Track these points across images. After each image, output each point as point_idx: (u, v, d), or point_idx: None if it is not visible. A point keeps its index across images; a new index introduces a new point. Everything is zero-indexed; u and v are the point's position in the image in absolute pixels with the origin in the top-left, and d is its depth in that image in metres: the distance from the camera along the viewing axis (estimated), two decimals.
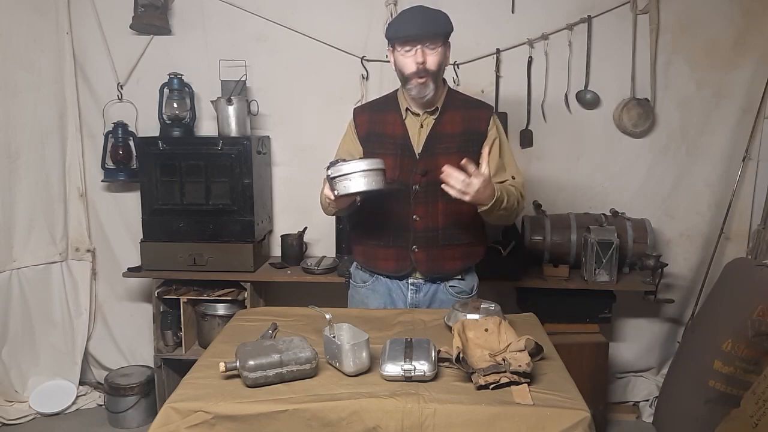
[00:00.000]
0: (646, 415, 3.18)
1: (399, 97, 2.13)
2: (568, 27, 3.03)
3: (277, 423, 1.40)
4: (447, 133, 2.06)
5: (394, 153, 2.07)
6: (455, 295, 2.15)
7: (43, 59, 3.10)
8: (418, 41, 1.94)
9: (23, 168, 3.12)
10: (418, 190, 2.06)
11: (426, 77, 1.96)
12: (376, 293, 2.18)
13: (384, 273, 2.16)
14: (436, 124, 2.07)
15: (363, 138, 2.13)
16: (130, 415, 3.12)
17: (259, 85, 3.14)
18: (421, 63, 1.94)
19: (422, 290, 2.15)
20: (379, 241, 2.12)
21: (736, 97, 3.04)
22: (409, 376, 1.50)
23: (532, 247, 2.98)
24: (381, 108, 2.16)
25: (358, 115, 2.18)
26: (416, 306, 2.15)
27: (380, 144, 2.10)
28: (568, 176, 3.17)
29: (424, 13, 1.99)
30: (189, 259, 2.95)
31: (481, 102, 2.19)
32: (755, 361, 2.52)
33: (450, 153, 2.02)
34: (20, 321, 3.20)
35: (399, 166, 2.06)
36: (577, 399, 1.44)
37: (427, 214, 2.07)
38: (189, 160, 2.93)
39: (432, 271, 2.12)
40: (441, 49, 1.98)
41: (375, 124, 2.13)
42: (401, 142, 2.07)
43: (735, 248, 3.13)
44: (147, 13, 3.06)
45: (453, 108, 2.09)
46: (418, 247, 2.09)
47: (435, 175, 2.01)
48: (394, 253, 2.11)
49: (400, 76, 2.04)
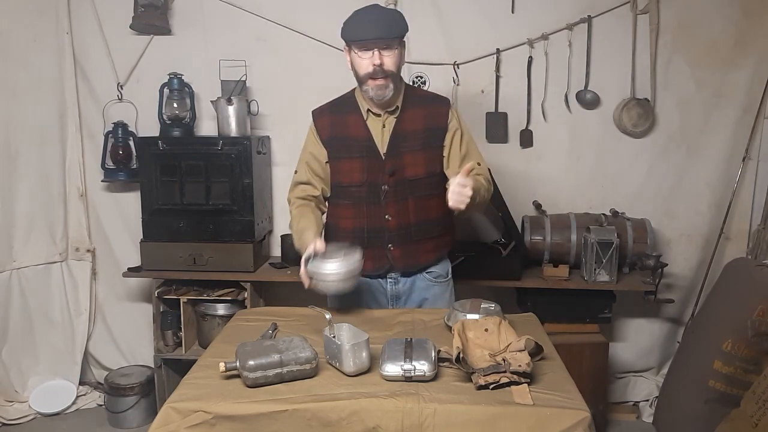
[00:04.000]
0: (646, 415, 3.18)
1: (357, 97, 2.13)
2: (568, 27, 3.03)
3: (277, 423, 1.40)
4: (409, 131, 2.08)
5: (360, 155, 2.09)
6: (433, 280, 2.21)
7: (43, 59, 3.10)
8: (375, 44, 1.95)
9: (23, 168, 3.12)
10: (388, 189, 2.08)
11: (385, 79, 1.98)
12: (356, 292, 2.15)
13: (362, 273, 2.16)
14: (398, 123, 2.09)
15: (326, 141, 2.14)
16: (130, 415, 3.12)
17: (259, 85, 3.14)
18: (378, 65, 1.95)
19: (400, 282, 2.19)
20: (354, 242, 2.10)
21: (736, 97, 3.04)
22: (409, 376, 1.50)
23: (532, 247, 2.97)
24: (341, 110, 2.16)
25: (318, 118, 2.18)
26: (398, 296, 2.19)
27: (345, 147, 2.11)
28: (568, 176, 3.17)
29: (380, 15, 2.01)
30: (189, 259, 2.95)
31: (439, 96, 2.21)
32: (755, 361, 2.52)
33: (415, 150, 2.06)
34: (20, 321, 3.19)
35: (367, 169, 2.08)
36: (577, 399, 1.44)
37: (398, 212, 2.10)
38: (189, 160, 2.93)
39: (408, 265, 2.17)
40: (397, 50, 2.00)
41: (337, 127, 2.13)
42: (366, 144, 2.09)
43: (735, 248, 3.12)
44: (147, 13, 3.05)
45: (412, 106, 2.11)
46: (393, 245, 2.12)
47: (402, 173, 2.07)
48: (370, 254, 2.10)
49: (356, 76, 2.05)
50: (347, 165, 2.11)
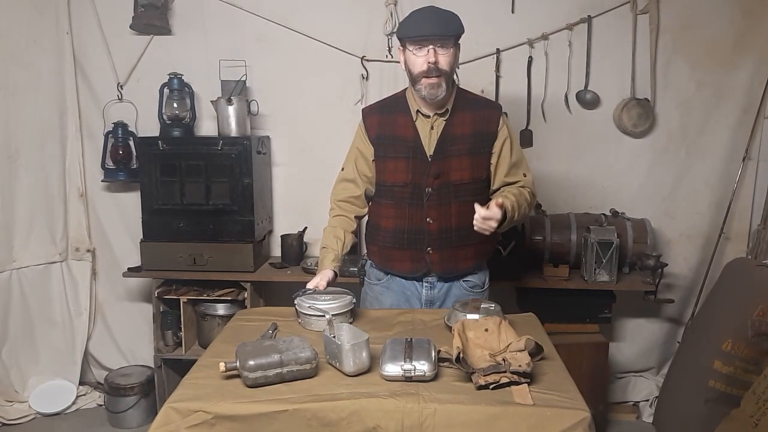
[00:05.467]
0: (646, 415, 3.18)
1: (408, 98, 2.12)
2: (568, 27, 3.03)
3: (277, 423, 1.40)
4: (458, 135, 2.06)
5: (406, 156, 2.07)
6: (469, 289, 2.19)
7: (43, 59, 3.10)
8: (430, 41, 1.94)
9: (23, 168, 3.12)
10: (431, 192, 2.07)
11: (438, 78, 1.96)
12: (390, 291, 2.19)
13: (399, 274, 2.17)
14: (447, 126, 2.07)
15: (374, 140, 2.13)
16: (130, 415, 3.12)
17: (259, 85, 3.14)
18: (433, 63, 1.94)
19: (437, 287, 2.17)
20: (394, 243, 2.13)
21: (736, 97, 3.04)
22: (409, 376, 1.50)
23: (532, 247, 2.97)
24: (390, 109, 2.15)
25: (368, 117, 2.17)
26: (431, 302, 2.17)
27: (392, 147, 2.10)
28: (568, 176, 3.17)
29: (437, 14, 2.00)
30: (189, 259, 2.95)
31: (491, 101, 2.21)
32: (755, 361, 2.52)
33: (461, 155, 2.05)
34: (20, 321, 3.19)
35: (411, 170, 2.07)
36: (577, 399, 1.44)
37: (440, 216, 2.08)
38: (189, 160, 2.93)
39: (446, 271, 2.15)
40: (452, 50, 1.98)
41: (385, 126, 2.12)
42: (413, 144, 2.07)
43: (735, 248, 3.13)
44: (147, 13, 3.05)
45: (462, 109, 2.09)
46: (432, 248, 2.10)
47: (447, 177, 2.05)
48: (409, 255, 2.12)
49: (409, 75, 2.03)
50: (392, 165, 2.09)
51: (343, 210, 2.18)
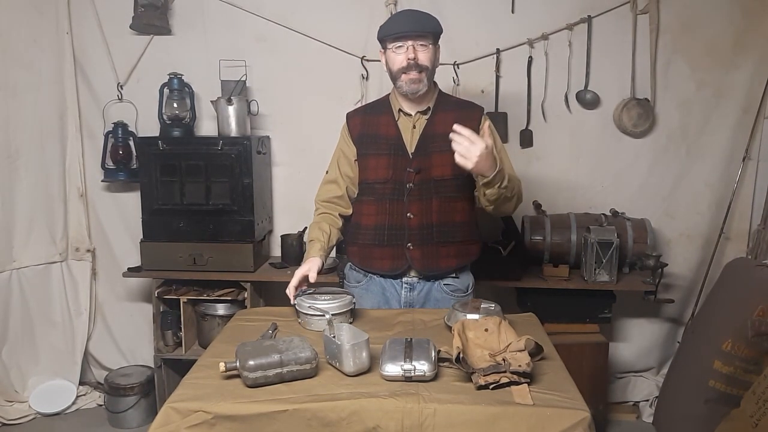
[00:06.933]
0: (646, 415, 3.18)
1: (391, 99, 2.16)
2: (568, 27, 3.03)
3: (277, 423, 1.40)
4: (439, 133, 2.07)
5: (387, 152, 2.10)
6: (450, 293, 2.16)
7: (43, 59, 3.10)
8: (409, 38, 1.99)
9: (23, 168, 3.12)
10: (412, 188, 2.08)
11: (419, 73, 2.00)
12: (369, 293, 2.18)
13: (379, 272, 2.17)
14: (428, 125, 2.10)
15: (356, 140, 2.16)
16: (130, 415, 3.12)
17: (259, 85, 3.14)
18: (413, 58, 1.98)
19: (416, 288, 2.16)
20: (374, 240, 2.13)
21: (736, 97, 3.04)
22: (409, 376, 1.50)
23: (532, 247, 2.98)
24: (374, 111, 2.20)
25: (351, 119, 2.22)
26: (410, 305, 2.16)
27: (374, 144, 2.12)
28: (568, 176, 3.17)
29: (414, 14, 2.06)
30: (189, 259, 2.95)
31: (473, 103, 2.21)
32: (755, 361, 2.52)
33: (443, 151, 2.04)
34: (20, 321, 3.19)
35: (393, 166, 2.09)
36: (577, 399, 1.44)
37: (421, 211, 2.09)
38: (189, 160, 2.93)
39: (427, 268, 2.13)
40: (432, 47, 2.03)
41: (368, 126, 2.16)
42: (394, 142, 2.10)
43: (735, 248, 3.13)
44: (147, 13, 3.05)
45: (445, 109, 2.12)
46: (413, 244, 2.10)
47: (428, 173, 2.07)
48: (389, 252, 2.11)
49: (390, 74, 2.08)
50: (374, 161, 2.11)
51: (327, 208, 2.22)
